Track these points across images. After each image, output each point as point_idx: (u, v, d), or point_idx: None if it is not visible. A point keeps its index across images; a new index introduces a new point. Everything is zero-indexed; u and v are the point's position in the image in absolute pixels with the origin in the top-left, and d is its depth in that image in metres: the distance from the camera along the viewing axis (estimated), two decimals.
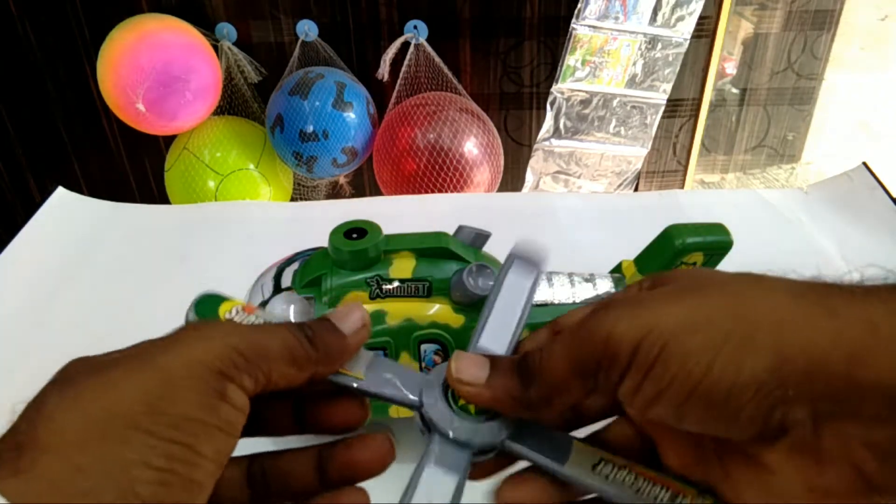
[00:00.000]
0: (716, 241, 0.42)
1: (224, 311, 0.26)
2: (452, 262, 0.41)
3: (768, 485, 0.22)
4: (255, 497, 0.25)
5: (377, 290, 0.41)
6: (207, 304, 0.26)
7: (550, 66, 1.56)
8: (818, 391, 0.20)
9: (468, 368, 0.25)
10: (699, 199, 0.81)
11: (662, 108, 1.49)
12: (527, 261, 0.30)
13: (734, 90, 1.70)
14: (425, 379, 0.27)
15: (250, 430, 0.24)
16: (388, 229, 0.42)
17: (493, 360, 0.25)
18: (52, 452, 0.19)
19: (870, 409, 0.19)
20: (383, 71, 1.46)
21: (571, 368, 0.23)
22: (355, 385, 0.26)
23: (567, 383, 0.23)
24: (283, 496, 0.25)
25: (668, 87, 1.47)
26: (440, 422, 0.25)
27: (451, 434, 0.25)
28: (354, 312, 0.25)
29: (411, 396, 0.26)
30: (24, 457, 0.18)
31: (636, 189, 1.64)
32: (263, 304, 0.42)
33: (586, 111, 1.47)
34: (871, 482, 0.20)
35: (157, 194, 1.70)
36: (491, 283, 0.40)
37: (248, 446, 0.26)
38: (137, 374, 0.20)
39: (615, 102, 1.47)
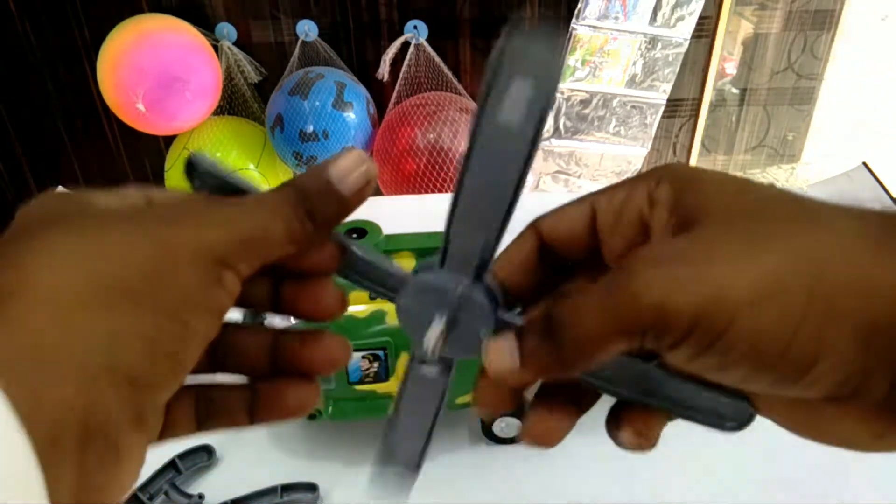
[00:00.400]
0: None
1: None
2: None
3: (821, 426, 0.21)
4: (211, 365, 0.24)
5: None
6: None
7: None
8: None
9: (500, 361, 0.22)
10: None
11: (662, 108, 1.49)
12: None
13: (734, 90, 1.70)
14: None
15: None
16: (388, 229, 0.42)
17: (521, 340, 0.22)
18: (43, 306, 0.18)
19: None
20: (383, 71, 1.46)
21: (609, 331, 0.20)
22: (354, 249, 0.24)
23: (604, 345, 0.20)
24: (236, 370, 0.24)
25: (668, 87, 1.47)
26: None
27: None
28: (358, 165, 0.22)
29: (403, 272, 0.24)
30: (11, 306, 0.17)
31: None
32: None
33: (586, 111, 1.47)
34: None
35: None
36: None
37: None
38: (141, 240, 0.19)
39: (615, 102, 1.47)
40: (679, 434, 0.49)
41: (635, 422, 0.25)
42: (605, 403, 0.48)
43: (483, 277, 0.22)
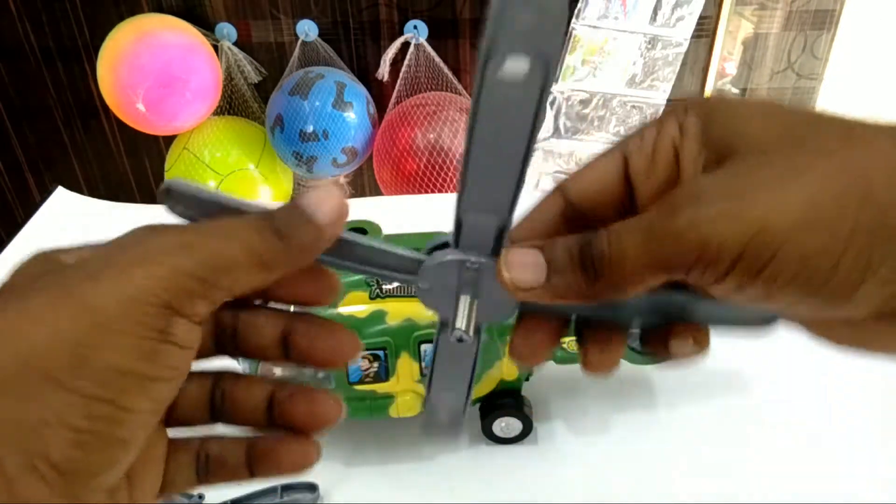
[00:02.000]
0: None
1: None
2: None
3: (867, 341, 0.21)
4: (214, 417, 0.23)
5: (377, 290, 0.41)
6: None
7: None
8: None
9: (523, 273, 0.21)
10: None
11: (662, 108, 1.49)
12: None
13: (734, 90, 1.70)
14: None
15: (232, 350, 0.23)
16: (388, 229, 0.42)
17: (550, 258, 0.21)
18: None
19: None
20: (383, 71, 1.46)
21: (651, 268, 0.20)
22: (363, 241, 0.22)
23: (643, 280, 0.20)
24: (235, 421, 0.23)
25: (668, 86, 1.47)
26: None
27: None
28: (331, 197, 0.20)
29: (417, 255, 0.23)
30: None
31: None
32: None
33: (586, 111, 1.47)
34: None
35: (157, 194, 1.70)
36: None
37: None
38: (63, 311, 0.17)
39: (615, 102, 1.47)
40: (679, 434, 0.49)
41: (679, 333, 0.24)
42: (606, 403, 0.47)
43: (500, 250, 0.22)
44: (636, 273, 0.20)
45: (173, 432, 0.22)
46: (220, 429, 0.23)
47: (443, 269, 0.23)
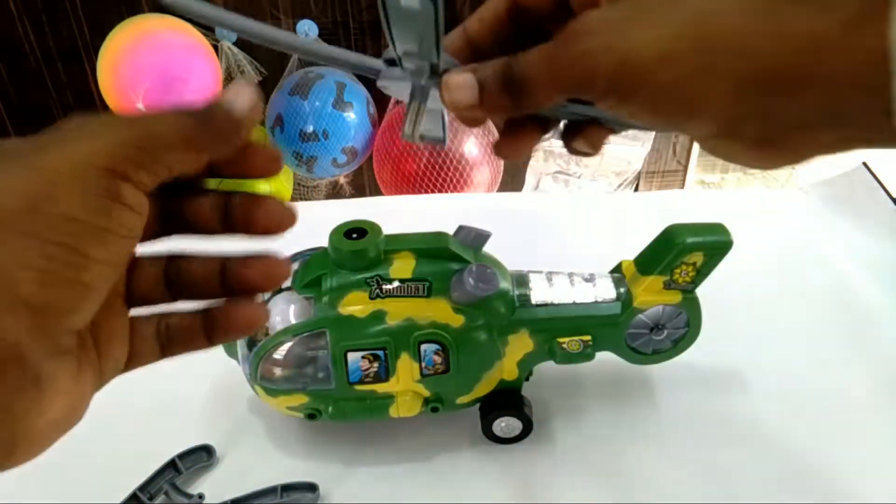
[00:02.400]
0: (716, 241, 0.42)
1: None
2: (452, 262, 0.41)
3: (721, 152, 0.26)
4: (171, 295, 0.26)
5: (377, 290, 0.41)
6: None
7: None
8: (770, 108, 0.23)
9: (462, 93, 0.27)
10: (699, 199, 0.81)
11: None
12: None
13: None
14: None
15: (174, 228, 0.25)
16: (388, 229, 0.42)
17: (481, 80, 0.26)
18: None
19: (806, 115, 0.22)
20: None
21: (554, 87, 0.25)
22: (326, 49, 0.26)
23: (551, 96, 0.26)
24: (190, 295, 0.26)
25: None
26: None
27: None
28: (244, 90, 0.24)
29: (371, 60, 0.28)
30: None
31: (636, 189, 1.64)
32: (263, 304, 0.42)
33: None
34: (806, 155, 0.24)
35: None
36: (492, 282, 0.40)
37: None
38: (18, 174, 0.19)
39: None
40: (680, 435, 0.49)
41: (588, 135, 0.29)
42: (606, 403, 0.47)
43: (439, 68, 0.27)
44: (544, 92, 0.25)
45: (135, 311, 0.25)
46: (179, 305, 0.26)
47: (395, 80, 0.28)
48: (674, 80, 0.23)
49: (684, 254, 0.42)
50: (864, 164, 0.73)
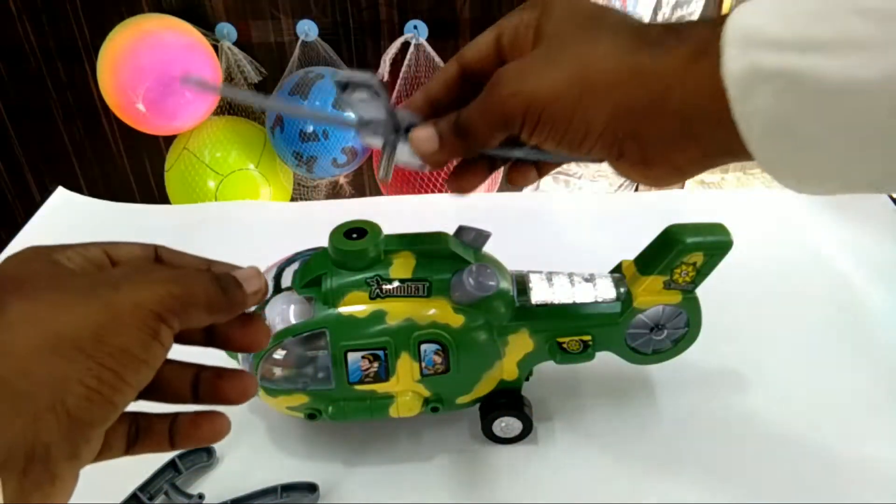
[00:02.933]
0: (716, 241, 0.42)
1: None
2: (452, 263, 0.41)
3: (622, 172, 0.32)
4: (141, 393, 0.28)
5: (377, 290, 0.41)
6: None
7: None
8: (640, 131, 0.29)
9: (426, 144, 0.33)
10: (699, 199, 0.81)
11: None
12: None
13: None
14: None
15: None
16: (388, 229, 0.42)
17: (439, 131, 0.33)
18: (7, 356, 0.22)
19: (666, 135, 0.29)
20: (383, 71, 1.46)
21: (490, 127, 0.32)
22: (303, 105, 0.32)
23: (491, 136, 0.32)
24: (162, 398, 0.29)
25: None
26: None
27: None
28: (256, 278, 0.29)
29: (346, 114, 0.34)
30: None
31: (636, 189, 1.64)
32: (263, 304, 0.42)
33: None
34: (680, 169, 0.30)
35: (157, 194, 1.70)
36: (492, 282, 0.40)
37: None
38: (90, 304, 0.24)
39: None
40: (680, 435, 0.49)
41: (520, 171, 0.37)
42: (606, 403, 0.47)
43: (400, 129, 0.34)
44: (482, 132, 0.32)
45: None
46: (148, 407, 0.29)
47: (369, 138, 0.34)
48: (565, 112, 0.29)
49: (684, 254, 0.42)
50: None
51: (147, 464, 0.45)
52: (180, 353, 0.29)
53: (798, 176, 0.27)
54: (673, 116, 0.28)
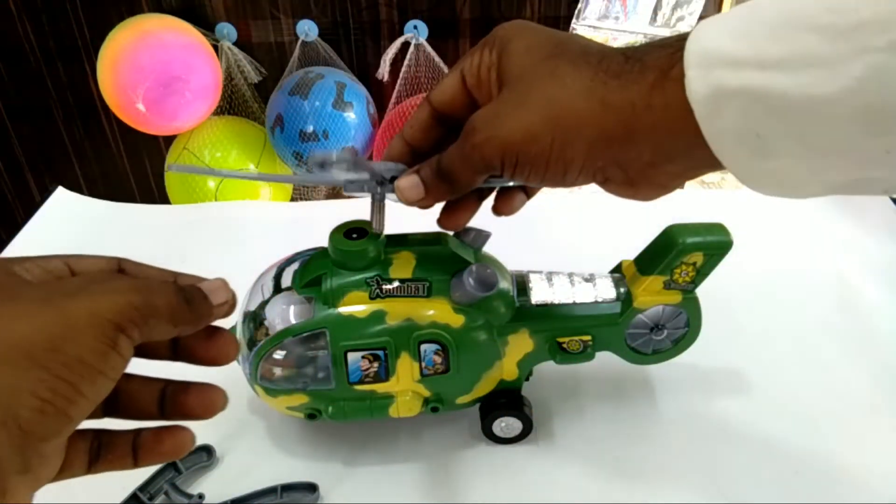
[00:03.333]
0: (716, 241, 0.42)
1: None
2: (452, 263, 0.41)
3: (612, 191, 0.33)
4: (106, 411, 0.28)
5: (377, 290, 0.41)
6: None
7: None
8: (618, 158, 0.30)
9: (411, 192, 0.35)
10: (699, 199, 0.81)
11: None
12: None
13: None
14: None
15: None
16: (388, 229, 0.42)
17: (422, 178, 0.35)
18: None
19: (644, 158, 0.30)
20: (383, 71, 1.46)
21: (471, 172, 0.33)
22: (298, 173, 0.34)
23: (473, 179, 0.34)
24: (127, 415, 0.29)
25: None
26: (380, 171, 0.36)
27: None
28: (223, 290, 0.29)
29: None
30: None
31: None
32: (263, 304, 0.42)
33: None
34: (664, 186, 0.32)
35: (157, 194, 1.70)
36: (492, 282, 0.40)
37: None
38: (45, 313, 0.23)
39: None
40: (680, 435, 0.49)
41: (506, 200, 0.38)
42: (606, 403, 0.47)
43: (384, 181, 0.36)
44: (464, 176, 0.33)
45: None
46: (110, 423, 0.28)
47: (359, 192, 0.37)
48: (542, 153, 0.30)
49: (684, 254, 0.42)
50: None
51: None
52: (147, 368, 0.29)
53: (773, 185, 0.28)
54: (647, 141, 0.29)
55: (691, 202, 0.78)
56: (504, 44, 0.32)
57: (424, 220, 0.42)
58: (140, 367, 0.28)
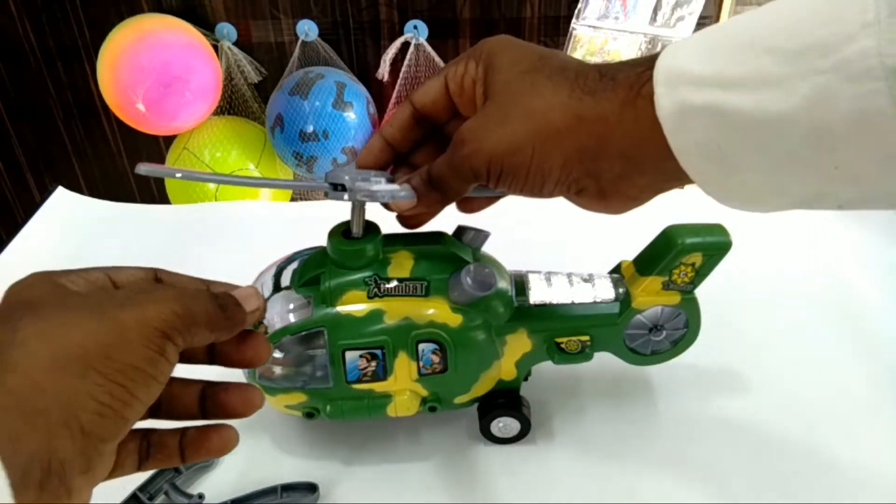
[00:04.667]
0: (715, 241, 0.42)
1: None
2: (451, 262, 0.42)
3: (584, 205, 0.35)
4: (151, 412, 0.29)
5: (375, 290, 0.41)
6: None
7: None
8: (591, 169, 0.32)
9: (404, 201, 0.36)
10: (699, 199, 0.80)
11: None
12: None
13: None
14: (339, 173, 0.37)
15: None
16: (386, 229, 0.42)
17: (415, 189, 0.36)
18: (20, 373, 0.23)
19: (616, 170, 0.32)
20: (383, 71, 1.46)
21: (460, 181, 0.35)
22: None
23: (463, 188, 0.35)
24: (170, 416, 0.30)
25: None
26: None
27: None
28: (255, 297, 0.30)
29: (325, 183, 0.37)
30: None
31: None
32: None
33: None
34: (635, 198, 0.34)
35: (157, 194, 1.70)
36: (490, 282, 0.40)
37: None
38: (97, 322, 0.24)
39: None
40: (679, 435, 0.49)
41: (482, 201, 0.40)
42: (604, 403, 0.47)
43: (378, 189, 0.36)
44: (454, 186, 0.35)
45: None
46: (157, 423, 0.30)
47: (340, 200, 0.38)
48: (523, 163, 0.32)
49: (683, 254, 0.42)
50: None
51: None
52: (186, 371, 0.30)
53: (739, 199, 0.30)
54: (619, 154, 0.31)
55: (691, 202, 0.78)
56: (490, 58, 0.34)
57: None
58: None
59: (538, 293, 0.44)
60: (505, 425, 0.46)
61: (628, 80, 0.30)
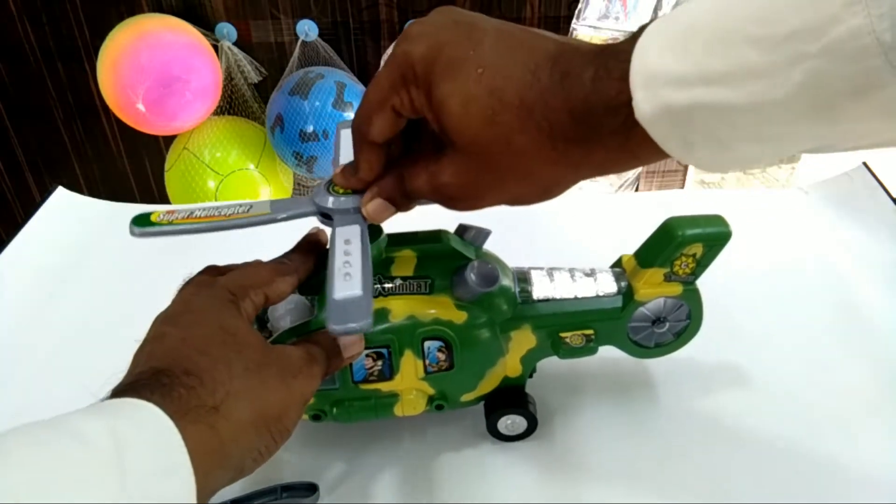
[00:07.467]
0: (715, 231, 0.42)
1: (155, 217, 0.38)
2: (454, 260, 0.41)
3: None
4: None
5: (379, 288, 0.40)
6: (141, 218, 0.38)
7: None
8: (550, 129, 0.30)
9: (383, 214, 0.37)
10: (699, 198, 0.81)
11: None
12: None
13: None
14: (315, 196, 0.38)
15: None
16: (388, 228, 0.42)
17: (391, 201, 0.37)
18: (232, 423, 0.29)
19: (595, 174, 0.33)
20: None
21: (432, 194, 0.35)
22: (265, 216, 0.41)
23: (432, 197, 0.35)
24: None
25: None
26: (333, 206, 0.37)
27: (340, 207, 0.37)
28: (357, 345, 0.38)
29: (307, 208, 0.39)
30: (209, 416, 0.29)
31: (636, 189, 1.64)
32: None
33: None
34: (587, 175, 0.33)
35: (157, 194, 1.70)
36: (494, 278, 0.40)
37: None
38: (283, 391, 0.32)
39: None
40: (682, 434, 0.49)
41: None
42: (611, 400, 0.47)
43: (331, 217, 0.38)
44: (424, 193, 0.35)
45: None
46: None
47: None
48: (529, 201, 0.35)
49: (684, 245, 0.42)
50: (865, 164, 0.73)
51: None
52: None
53: (729, 169, 0.29)
54: (583, 117, 0.29)
55: (691, 202, 0.78)
56: (429, 87, 0.31)
57: (425, 219, 0.42)
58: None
59: (541, 289, 0.44)
60: (512, 423, 0.46)
61: (612, 126, 0.28)
